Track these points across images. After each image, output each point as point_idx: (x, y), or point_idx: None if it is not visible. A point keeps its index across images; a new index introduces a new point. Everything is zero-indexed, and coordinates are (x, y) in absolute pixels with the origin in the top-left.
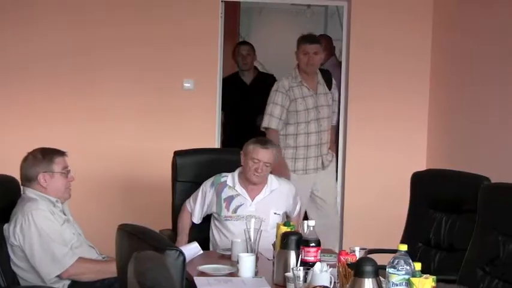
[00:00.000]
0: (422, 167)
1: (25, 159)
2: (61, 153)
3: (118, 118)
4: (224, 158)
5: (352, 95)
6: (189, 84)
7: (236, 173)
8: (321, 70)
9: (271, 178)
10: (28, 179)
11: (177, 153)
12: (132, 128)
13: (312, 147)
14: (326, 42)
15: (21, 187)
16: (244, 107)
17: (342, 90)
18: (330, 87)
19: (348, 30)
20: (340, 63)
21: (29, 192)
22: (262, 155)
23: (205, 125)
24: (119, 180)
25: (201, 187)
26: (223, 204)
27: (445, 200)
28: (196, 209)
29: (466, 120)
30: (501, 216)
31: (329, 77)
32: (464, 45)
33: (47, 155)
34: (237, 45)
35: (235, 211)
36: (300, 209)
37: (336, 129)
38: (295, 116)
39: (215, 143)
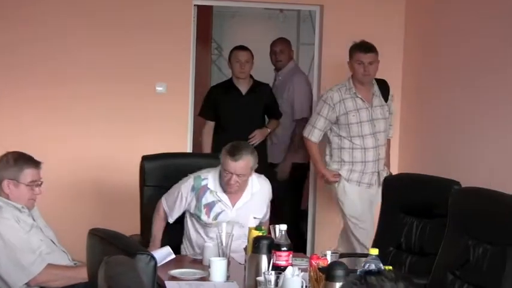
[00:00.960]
0: (394, 171)
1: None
2: (35, 164)
3: (90, 121)
4: (192, 162)
5: None
6: (161, 88)
7: (217, 174)
8: (378, 80)
9: (252, 178)
10: None
11: (145, 158)
12: (104, 131)
13: (369, 163)
14: (285, 46)
15: None
16: (239, 118)
17: (314, 94)
18: (386, 99)
19: (320, 34)
20: (298, 67)
21: None
22: (233, 167)
23: (177, 129)
24: (89, 184)
25: (180, 189)
26: (204, 210)
27: (416, 204)
28: (174, 211)
29: (437, 124)
30: (471, 221)
31: (386, 87)
32: (437, 49)
33: (18, 162)
34: (233, 50)
35: (215, 218)
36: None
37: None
38: (348, 129)
39: (187, 147)
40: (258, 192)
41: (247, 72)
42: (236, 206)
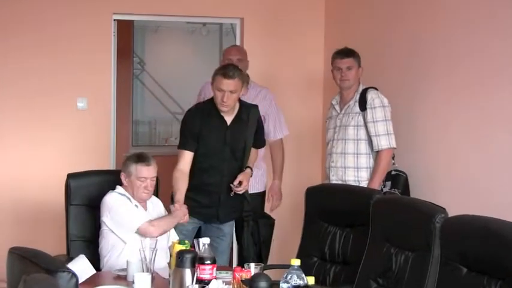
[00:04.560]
0: (319, 181)
1: None
2: None
3: (9, 138)
4: (119, 179)
5: None
6: (82, 104)
7: (122, 190)
8: (366, 88)
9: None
10: None
11: (71, 176)
12: (24, 148)
13: (326, 169)
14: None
15: None
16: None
17: None
18: (362, 107)
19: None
20: None
21: None
22: (147, 172)
23: (100, 145)
24: (10, 204)
25: (117, 204)
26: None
27: (338, 214)
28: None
29: None
30: (393, 229)
31: (364, 95)
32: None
33: None
34: (217, 75)
35: None
36: None
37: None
38: None
39: (110, 164)
40: (157, 204)
41: (232, 104)
42: (148, 210)
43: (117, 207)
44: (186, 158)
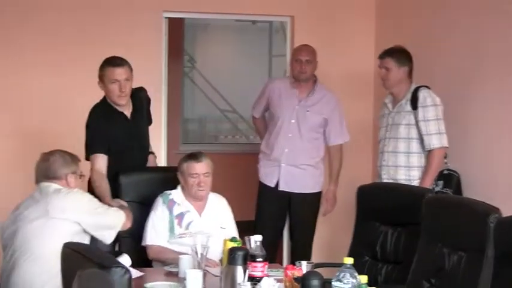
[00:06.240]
0: (369, 180)
1: (48, 159)
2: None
3: (58, 131)
4: (169, 176)
5: None
6: None
7: (179, 190)
8: (419, 87)
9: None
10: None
11: (121, 172)
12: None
13: (379, 167)
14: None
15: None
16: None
17: None
18: (414, 106)
19: (291, 45)
20: None
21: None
22: (199, 168)
23: (151, 143)
24: None
25: (153, 214)
26: (175, 222)
27: (390, 213)
28: (162, 234)
29: None
30: (445, 228)
31: (415, 94)
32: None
33: (74, 157)
34: (105, 65)
35: (187, 227)
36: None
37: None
38: None
39: (161, 161)
40: (218, 203)
41: (129, 93)
42: (203, 215)
43: (150, 215)
44: (103, 161)
